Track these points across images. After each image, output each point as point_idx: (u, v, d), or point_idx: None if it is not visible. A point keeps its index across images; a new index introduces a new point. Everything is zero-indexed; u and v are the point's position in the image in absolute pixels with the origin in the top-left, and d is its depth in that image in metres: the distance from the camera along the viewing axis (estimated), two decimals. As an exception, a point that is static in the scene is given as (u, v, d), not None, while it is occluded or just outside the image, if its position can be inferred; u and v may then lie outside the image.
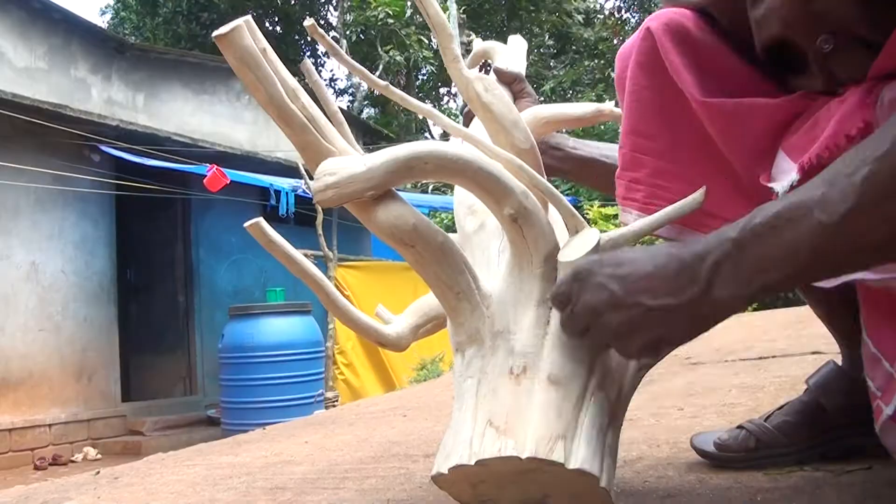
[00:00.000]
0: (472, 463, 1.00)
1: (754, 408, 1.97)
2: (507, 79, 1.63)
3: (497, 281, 1.16)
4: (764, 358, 3.01)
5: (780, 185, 1.08)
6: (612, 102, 1.55)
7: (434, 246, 1.08)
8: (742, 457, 1.39)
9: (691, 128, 1.22)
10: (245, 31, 1.01)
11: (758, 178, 1.13)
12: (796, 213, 0.82)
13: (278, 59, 1.07)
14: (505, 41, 1.80)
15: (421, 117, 21.08)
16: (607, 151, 1.56)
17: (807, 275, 0.87)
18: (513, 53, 1.78)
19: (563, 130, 1.72)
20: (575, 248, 1.09)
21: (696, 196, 1.13)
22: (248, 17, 1.03)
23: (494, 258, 1.26)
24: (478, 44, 1.84)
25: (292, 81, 1.09)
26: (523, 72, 1.75)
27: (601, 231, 1.14)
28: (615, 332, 0.94)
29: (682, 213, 1.14)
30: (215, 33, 1.00)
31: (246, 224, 1.13)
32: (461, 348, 1.14)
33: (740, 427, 1.43)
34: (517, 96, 1.63)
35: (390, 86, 1.22)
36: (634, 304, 0.91)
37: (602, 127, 14.71)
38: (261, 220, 1.13)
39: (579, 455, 0.98)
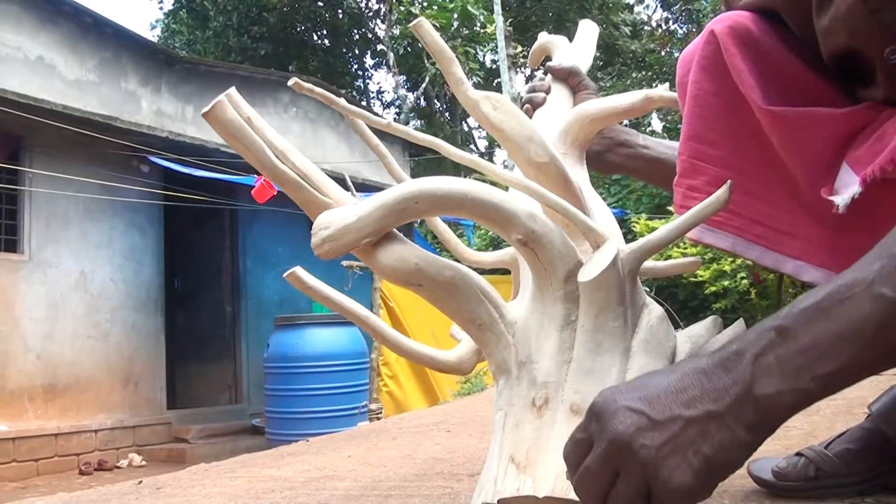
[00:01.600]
0: (495, 502, 0.96)
1: (810, 432, 1.91)
2: (561, 75, 1.58)
3: (521, 307, 1.11)
4: (818, 378, 2.93)
5: (841, 199, 1.01)
6: (664, 86, 1.46)
7: (443, 282, 1.04)
8: (801, 486, 1.34)
9: (754, 136, 1.15)
10: (226, 106, 1.02)
11: (819, 191, 1.08)
12: (852, 291, 0.72)
13: (265, 124, 1.06)
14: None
15: (466, 129, 21.12)
16: None
17: (869, 361, 0.72)
18: (577, 44, 1.70)
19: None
20: (594, 265, 1.02)
21: (720, 194, 1.02)
22: (231, 90, 1.04)
23: None
24: (542, 37, 1.77)
25: (281, 142, 1.07)
26: (590, 59, 1.67)
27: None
28: (655, 460, 0.73)
29: (706, 215, 1.04)
30: (203, 111, 1.01)
31: (284, 274, 1.13)
32: (495, 378, 1.11)
33: (799, 454, 1.37)
34: (575, 90, 1.58)
35: (392, 123, 1.19)
36: (671, 419, 0.75)
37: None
38: (297, 269, 1.12)
39: None
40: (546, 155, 1.14)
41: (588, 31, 1.74)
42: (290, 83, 1.16)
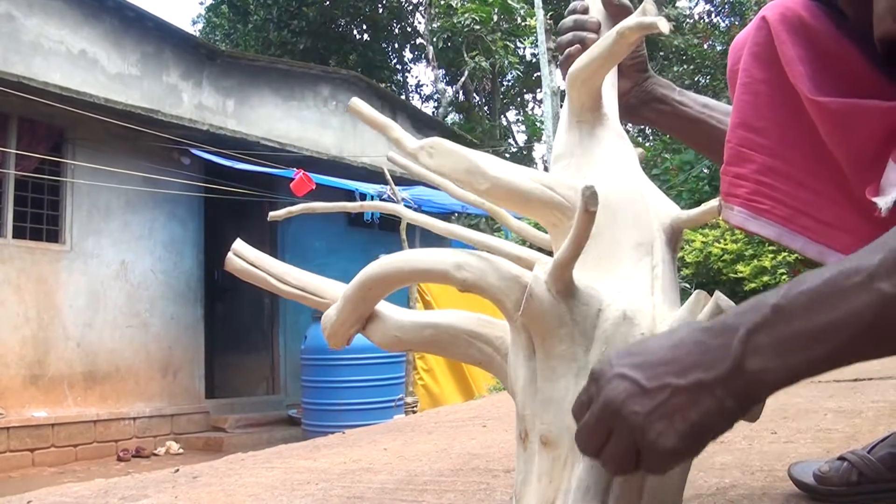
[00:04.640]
0: None
1: (852, 435, 1.87)
2: (614, 10, 1.45)
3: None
4: (859, 380, 2.87)
5: (883, 201, 0.98)
6: (636, 13, 1.15)
7: (426, 341, 1.16)
8: (843, 491, 1.30)
9: (803, 126, 1.12)
10: (235, 259, 1.30)
11: (865, 186, 1.05)
12: (851, 281, 0.72)
13: (265, 258, 1.30)
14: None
15: (505, 123, 21.06)
16: (718, 114, 1.44)
17: (859, 350, 0.73)
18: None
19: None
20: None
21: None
22: (237, 243, 1.31)
23: (629, 255, 1.12)
24: None
25: (280, 269, 1.29)
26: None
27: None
28: (642, 426, 0.77)
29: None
30: (224, 266, 1.30)
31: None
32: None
33: (842, 458, 1.33)
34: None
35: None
36: (660, 387, 0.78)
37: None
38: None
39: None
40: (487, 181, 1.09)
41: None
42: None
